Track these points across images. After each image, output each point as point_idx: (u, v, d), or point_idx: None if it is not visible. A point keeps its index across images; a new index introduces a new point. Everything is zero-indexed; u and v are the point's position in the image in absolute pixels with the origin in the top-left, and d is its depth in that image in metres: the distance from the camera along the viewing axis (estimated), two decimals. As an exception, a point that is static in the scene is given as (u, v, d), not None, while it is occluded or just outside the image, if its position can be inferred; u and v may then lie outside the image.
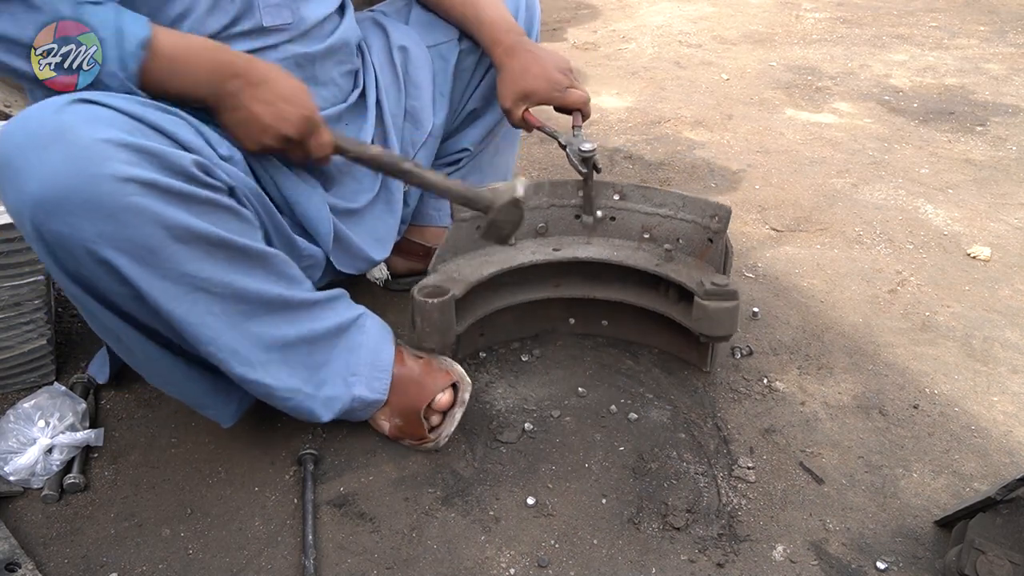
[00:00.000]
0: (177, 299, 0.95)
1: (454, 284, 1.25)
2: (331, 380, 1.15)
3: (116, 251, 0.90)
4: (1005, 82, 2.77)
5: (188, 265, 0.95)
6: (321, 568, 1.05)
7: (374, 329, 1.21)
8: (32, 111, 0.89)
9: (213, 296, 0.98)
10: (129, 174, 0.87)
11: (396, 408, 1.21)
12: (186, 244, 0.94)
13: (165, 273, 0.93)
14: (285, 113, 1.06)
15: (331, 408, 1.15)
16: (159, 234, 0.91)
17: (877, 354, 1.44)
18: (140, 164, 0.89)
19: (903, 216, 1.91)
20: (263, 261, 1.04)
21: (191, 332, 0.99)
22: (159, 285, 0.94)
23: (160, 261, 0.92)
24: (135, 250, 0.90)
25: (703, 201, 1.33)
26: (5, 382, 1.32)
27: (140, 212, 0.89)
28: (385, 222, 1.38)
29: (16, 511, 1.14)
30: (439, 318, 1.20)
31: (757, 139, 2.35)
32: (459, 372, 1.21)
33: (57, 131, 0.86)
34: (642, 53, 3.15)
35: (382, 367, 1.19)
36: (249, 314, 1.03)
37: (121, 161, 0.87)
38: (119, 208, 0.87)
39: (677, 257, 1.35)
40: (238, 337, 1.02)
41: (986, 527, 0.97)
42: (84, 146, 0.86)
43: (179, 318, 0.97)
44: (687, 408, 1.32)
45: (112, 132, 0.88)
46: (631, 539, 1.09)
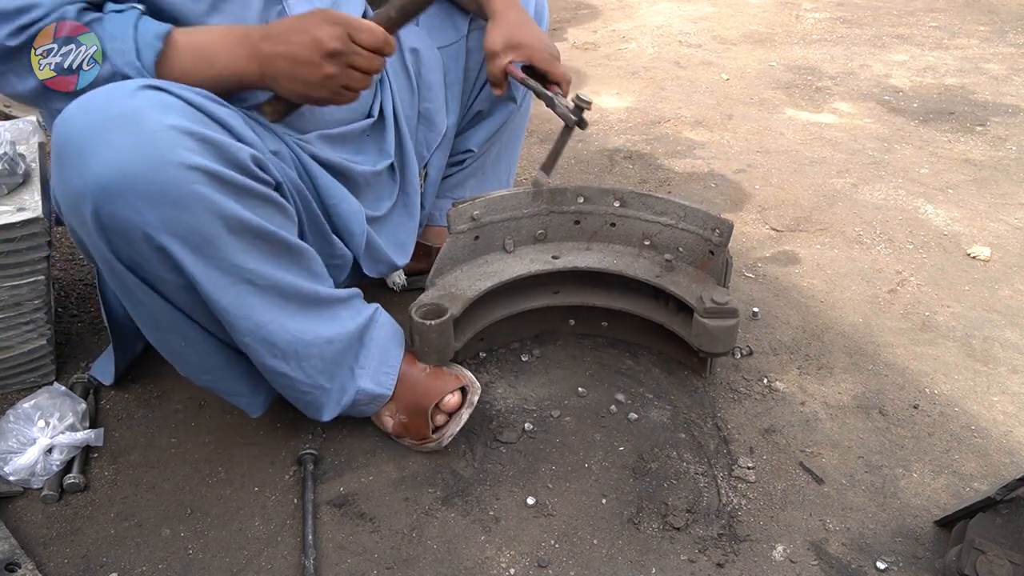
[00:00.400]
0: (224, 289, 0.97)
1: (452, 301, 1.25)
2: (342, 372, 1.15)
3: (173, 238, 0.90)
4: (1005, 82, 2.77)
5: (238, 256, 0.96)
6: (321, 568, 1.05)
7: (387, 326, 1.23)
8: (99, 94, 0.88)
9: (256, 288, 1.00)
10: (195, 162, 0.88)
11: (403, 404, 1.21)
12: (238, 235, 0.95)
13: (217, 263, 0.95)
14: (315, 35, 1.00)
15: (338, 401, 1.16)
16: (215, 223, 0.92)
17: (877, 354, 1.44)
18: (204, 154, 0.90)
19: (903, 216, 1.91)
20: (299, 256, 1.06)
21: (233, 322, 1.00)
22: (210, 274, 0.95)
23: (214, 251, 0.94)
24: (192, 238, 0.91)
25: (705, 213, 1.31)
26: (5, 382, 1.32)
27: (201, 201, 0.90)
28: (405, 227, 1.39)
29: (16, 511, 1.14)
30: (437, 339, 1.20)
31: (757, 139, 2.35)
32: (469, 377, 1.22)
33: (127, 115, 0.86)
34: (642, 53, 3.15)
35: (390, 363, 1.20)
36: (285, 308, 1.05)
37: (188, 149, 0.88)
38: (183, 196, 0.88)
39: (677, 267, 1.35)
40: (275, 330, 1.04)
41: (986, 527, 0.97)
42: (153, 131, 0.86)
43: (224, 307, 0.98)
44: (687, 408, 1.32)
45: (180, 120, 0.88)
46: (631, 539, 1.09)
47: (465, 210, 1.31)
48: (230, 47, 1.01)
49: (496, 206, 1.34)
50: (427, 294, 1.27)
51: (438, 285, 1.30)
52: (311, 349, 1.09)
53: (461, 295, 1.27)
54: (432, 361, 1.22)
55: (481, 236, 1.35)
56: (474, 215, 1.32)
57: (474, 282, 1.31)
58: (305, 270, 1.07)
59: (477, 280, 1.31)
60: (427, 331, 1.19)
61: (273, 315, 1.03)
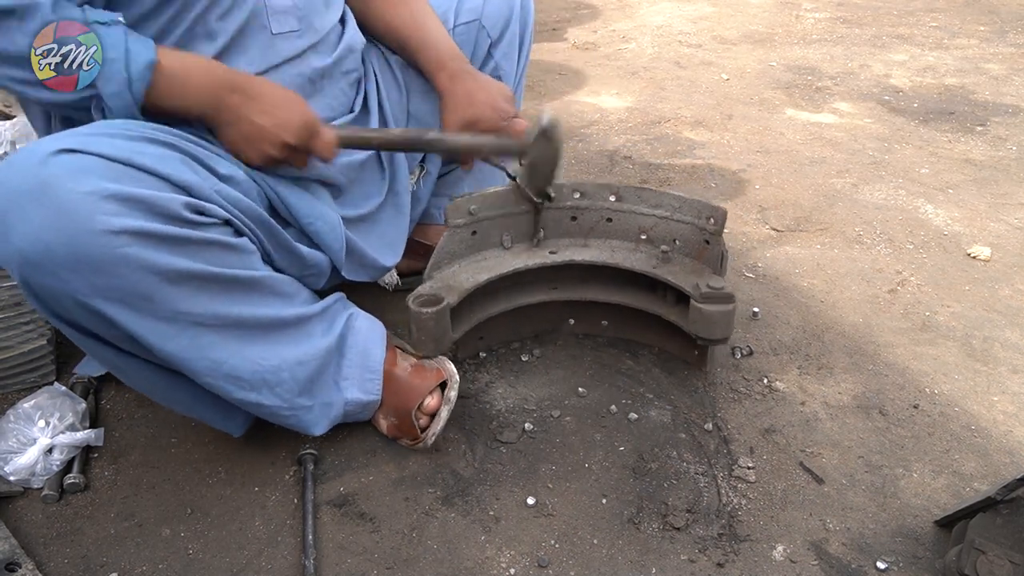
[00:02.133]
0: (171, 338, 0.96)
1: (449, 292, 1.25)
2: (324, 387, 1.15)
3: (107, 301, 0.90)
4: (1005, 82, 2.76)
5: (182, 304, 0.94)
6: (321, 568, 1.05)
7: (364, 329, 1.21)
8: (15, 161, 0.87)
9: (209, 328, 0.98)
10: (117, 226, 0.86)
11: (390, 408, 1.21)
12: (179, 285, 0.93)
13: (159, 315, 0.93)
14: (284, 121, 1.06)
15: (327, 415, 1.16)
16: (150, 281, 0.91)
17: (877, 354, 1.44)
18: (129, 213, 0.88)
19: (903, 216, 1.91)
20: (258, 286, 1.04)
21: (188, 366, 0.99)
22: (153, 327, 0.94)
23: (153, 305, 0.92)
24: (127, 298, 0.90)
25: (699, 203, 1.33)
26: (5, 382, 1.32)
27: (130, 262, 0.88)
28: (395, 226, 1.37)
29: (16, 511, 1.14)
30: (434, 327, 1.21)
31: (757, 139, 2.35)
32: (449, 370, 1.21)
33: (40, 186, 0.84)
34: (642, 53, 3.15)
35: (372, 368, 1.19)
36: (247, 339, 1.03)
37: (108, 213, 0.86)
38: (108, 261, 0.87)
39: (674, 259, 1.35)
40: (238, 364, 1.02)
41: (986, 527, 0.97)
42: (68, 200, 0.84)
43: (173, 354, 0.97)
44: (687, 408, 1.32)
45: (98, 183, 0.86)
46: (631, 539, 1.09)
47: (463, 205, 1.31)
48: (204, 86, 1.03)
49: (493, 201, 1.34)
50: (425, 285, 1.27)
51: (436, 278, 1.30)
52: (280, 375, 1.07)
53: (459, 286, 1.27)
54: (429, 350, 1.22)
55: (479, 231, 1.35)
56: (471, 210, 1.32)
57: (472, 275, 1.31)
58: (270, 295, 1.05)
59: (475, 274, 1.31)
60: (424, 319, 1.19)
61: (232, 349, 1.01)
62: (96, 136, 0.90)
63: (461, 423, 1.28)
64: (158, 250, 0.90)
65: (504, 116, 1.30)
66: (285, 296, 1.09)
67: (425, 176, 1.48)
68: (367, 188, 1.32)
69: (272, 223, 1.09)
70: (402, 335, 1.40)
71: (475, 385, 1.37)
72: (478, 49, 1.46)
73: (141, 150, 0.92)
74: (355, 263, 1.28)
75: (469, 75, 1.32)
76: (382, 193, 1.34)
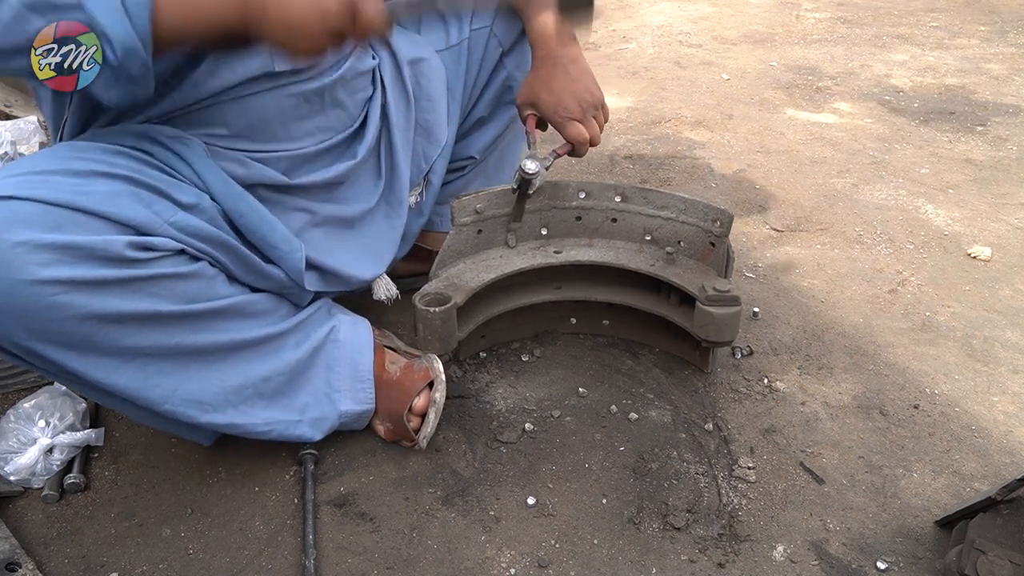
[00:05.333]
0: (116, 370, 0.94)
1: (455, 291, 1.25)
2: (314, 402, 1.14)
3: (46, 343, 0.89)
4: (1005, 82, 2.76)
5: (126, 340, 0.93)
6: (321, 568, 1.05)
7: (350, 338, 1.20)
8: None
9: (160, 357, 0.97)
10: (48, 276, 0.85)
11: (384, 412, 1.21)
12: (122, 324, 0.92)
13: (101, 352, 0.93)
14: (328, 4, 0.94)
15: (320, 428, 1.16)
16: (88, 325, 0.90)
17: (877, 354, 1.44)
18: (62, 262, 0.86)
19: (903, 216, 1.91)
20: (220, 314, 1.02)
21: (139, 396, 0.97)
22: (94, 363, 0.93)
23: (93, 345, 0.92)
24: (66, 340, 0.90)
25: (705, 205, 1.32)
26: (5, 382, 1.32)
27: (64, 309, 0.87)
28: (385, 237, 1.32)
29: (16, 511, 1.14)
30: (441, 326, 1.20)
31: (757, 139, 2.35)
32: (436, 369, 1.21)
33: None
34: (642, 53, 3.15)
35: (362, 377, 1.19)
36: (205, 363, 1.01)
37: (38, 264, 0.85)
38: (40, 309, 0.86)
39: (679, 260, 1.35)
40: (196, 387, 1.01)
41: (986, 527, 0.97)
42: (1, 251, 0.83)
43: (122, 387, 0.96)
44: (687, 408, 1.32)
45: (30, 233, 0.85)
46: (631, 539, 1.09)
47: (469, 203, 1.31)
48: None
49: (499, 200, 1.34)
50: (431, 284, 1.27)
51: (441, 277, 1.30)
52: (244, 392, 1.06)
53: (465, 285, 1.27)
54: (435, 349, 1.22)
55: (484, 230, 1.35)
56: (477, 208, 1.32)
57: (477, 274, 1.31)
58: (234, 319, 1.03)
59: (480, 272, 1.31)
60: (431, 319, 1.19)
61: (187, 374, 0.99)
62: (40, 175, 0.89)
63: (461, 423, 1.28)
64: (95, 295, 0.89)
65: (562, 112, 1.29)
66: (255, 316, 1.07)
67: (427, 187, 1.47)
68: (357, 190, 1.28)
69: (238, 247, 1.06)
70: (401, 335, 1.40)
71: (475, 385, 1.37)
72: (488, 57, 1.44)
73: (86, 189, 0.90)
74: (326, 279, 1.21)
75: (559, 62, 1.31)
76: (372, 200, 1.29)
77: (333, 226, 1.24)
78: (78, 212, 0.89)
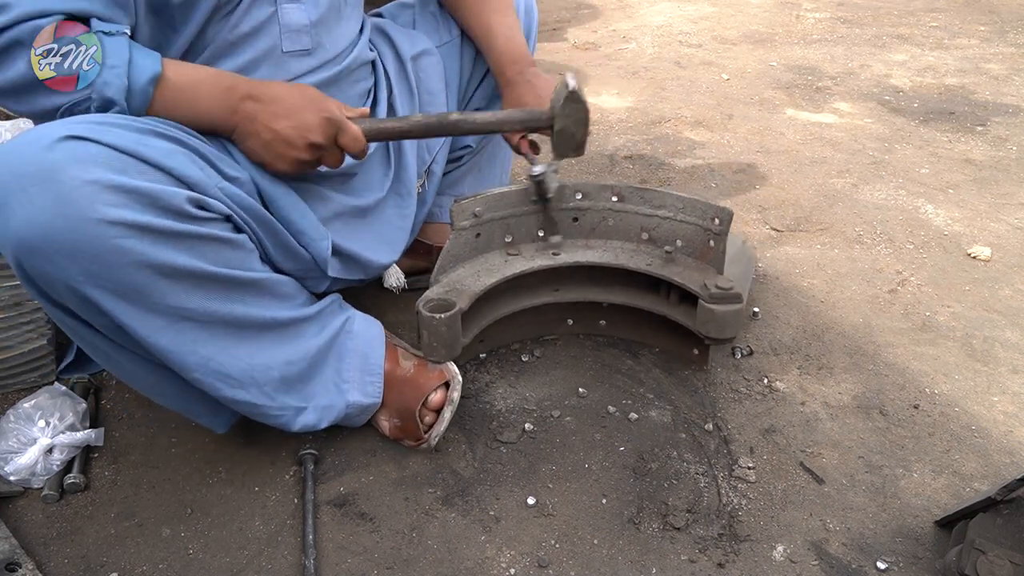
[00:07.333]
0: (161, 330, 0.96)
1: (458, 296, 1.24)
2: (323, 390, 1.15)
3: (100, 289, 0.90)
4: (1005, 82, 2.76)
5: (174, 298, 0.95)
6: (321, 568, 1.05)
7: (362, 331, 1.21)
8: (20, 144, 0.86)
9: (199, 324, 0.98)
10: (115, 217, 0.86)
11: (393, 408, 1.21)
12: (174, 279, 0.94)
13: (150, 307, 0.94)
14: (305, 121, 1.04)
15: (326, 417, 1.16)
16: (145, 274, 0.91)
17: (877, 354, 1.44)
18: (128, 206, 0.88)
19: (903, 216, 1.91)
20: (254, 286, 1.04)
21: (176, 360, 0.99)
22: (144, 319, 0.94)
23: (145, 298, 0.92)
24: (119, 288, 0.91)
25: (704, 203, 1.32)
26: (5, 382, 1.32)
27: (125, 254, 0.88)
28: (395, 224, 1.36)
29: (16, 511, 1.14)
30: (447, 332, 1.20)
31: (757, 139, 2.35)
32: (452, 370, 1.22)
33: (44, 171, 0.84)
34: (642, 53, 3.15)
35: (373, 371, 1.19)
36: (238, 337, 1.03)
37: (107, 204, 0.86)
38: (104, 251, 0.87)
39: (677, 259, 1.35)
40: (227, 361, 1.02)
41: (986, 527, 0.97)
42: (70, 188, 0.84)
43: (163, 347, 0.97)
44: (687, 408, 1.32)
45: (101, 173, 0.86)
46: (631, 539, 1.09)
47: (467, 207, 1.31)
48: (214, 95, 1.02)
49: (497, 203, 1.34)
50: (433, 290, 1.27)
51: (443, 282, 1.30)
52: (270, 373, 1.07)
53: (467, 290, 1.27)
54: (441, 356, 1.22)
55: (483, 233, 1.35)
56: (476, 211, 1.32)
57: (478, 278, 1.31)
58: (267, 296, 1.05)
59: (481, 276, 1.31)
60: (436, 325, 1.19)
61: (221, 346, 1.01)
62: (104, 125, 0.90)
63: (461, 423, 1.28)
64: (155, 244, 0.90)
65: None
66: (282, 297, 1.09)
67: (429, 178, 1.48)
68: (369, 179, 1.31)
69: (274, 222, 1.10)
70: (402, 334, 1.40)
71: (475, 385, 1.37)
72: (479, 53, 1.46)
73: (148, 143, 0.92)
74: (347, 264, 1.25)
75: (524, 81, 1.33)
76: (384, 188, 1.33)
77: (350, 215, 1.26)
78: (142, 161, 0.91)
